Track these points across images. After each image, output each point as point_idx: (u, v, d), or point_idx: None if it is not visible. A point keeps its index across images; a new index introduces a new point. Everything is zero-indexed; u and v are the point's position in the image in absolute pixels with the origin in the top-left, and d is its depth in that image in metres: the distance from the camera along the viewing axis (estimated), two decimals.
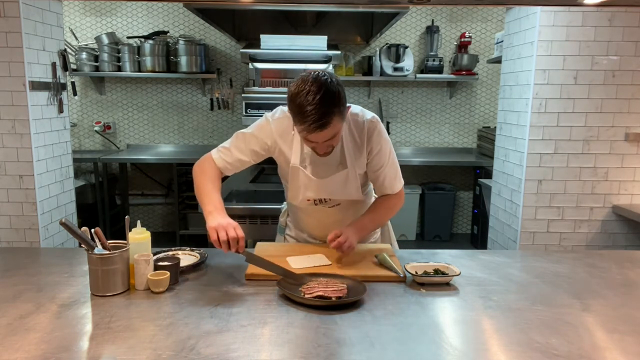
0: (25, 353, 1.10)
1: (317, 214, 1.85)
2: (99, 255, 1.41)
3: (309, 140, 1.56)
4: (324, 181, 1.73)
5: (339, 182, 1.74)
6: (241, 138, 1.74)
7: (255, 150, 1.73)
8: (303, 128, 1.49)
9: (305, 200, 1.79)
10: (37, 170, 2.97)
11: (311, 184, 1.74)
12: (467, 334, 1.25)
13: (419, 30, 5.22)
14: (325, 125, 1.47)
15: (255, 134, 1.72)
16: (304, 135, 1.54)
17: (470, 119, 5.39)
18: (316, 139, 1.53)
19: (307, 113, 1.45)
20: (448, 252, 1.88)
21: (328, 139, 1.54)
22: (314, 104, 1.44)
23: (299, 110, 1.47)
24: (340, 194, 1.77)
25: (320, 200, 1.79)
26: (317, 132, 1.48)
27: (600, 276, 1.66)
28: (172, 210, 5.33)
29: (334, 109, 1.48)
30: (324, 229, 1.81)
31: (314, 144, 1.57)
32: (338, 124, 1.52)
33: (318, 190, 1.75)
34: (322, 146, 1.57)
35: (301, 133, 1.54)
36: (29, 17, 2.87)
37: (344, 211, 1.84)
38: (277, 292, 1.44)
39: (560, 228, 3.08)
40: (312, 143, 1.57)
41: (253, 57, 3.39)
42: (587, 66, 2.91)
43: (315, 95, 1.45)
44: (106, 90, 5.24)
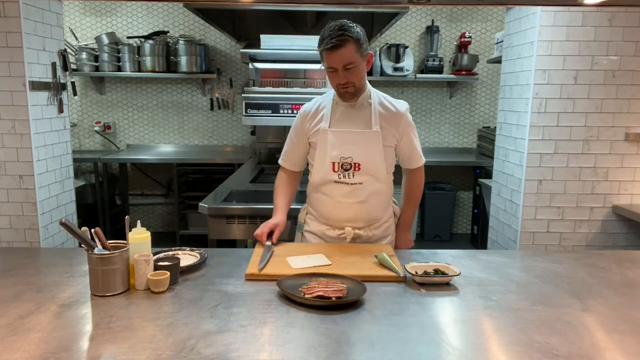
0: (25, 353, 1.10)
1: (339, 192, 1.93)
2: (99, 255, 1.41)
3: (331, 70, 1.78)
4: (349, 135, 1.89)
5: (362, 139, 1.90)
6: (290, 136, 2.06)
7: (303, 138, 1.99)
8: (324, 49, 1.74)
9: (330, 167, 1.91)
10: (37, 170, 2.97)
11: (337, 140, 1.90)
12: (467, 334, 1.25)
13: (419, 30, 5.22)
14: (340, 46, 1.71)
15: (297, 126, 2.01)
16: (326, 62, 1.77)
17: (470, 119, 5.39)
18: (333, 63, 1.75)
19: (325, 35, 1.73)
20: (448, 252, 1.88)
21: (346, 64, 1.74)
22: (332, 29, 1.73)
23: (322, 35, 1.75)
24: (363, 154, 1.90)
25: (344, 167, 1.90)
26: (333, 51, 1.72)
27: (600, 276, 1.66)
28: (172, 210, 5.33)
29: (349, 35, 1.72)
30: (345, 209, 1.94)
31: (337, 76, 1.78)
32: (354, 51, 1.74)
33: (343, 146, 1.89)
34: (341, 75, 1.77)
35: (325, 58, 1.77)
36: (29, 17, 2.87)
37: (365, 192, 1.92)
38: (277, 293, 1.44)
39: (560, 228, 3.08)
40: (335, 76, 1.79)
41: (253, 57, 3.39)
42: (587, 66, 2.91)
43: (335, 25, 1.74)
44: (106, 90, 5.24)
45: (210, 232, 2.66)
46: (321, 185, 1.96)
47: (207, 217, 2.62)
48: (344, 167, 1.90)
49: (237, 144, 5.38)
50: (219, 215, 2.62)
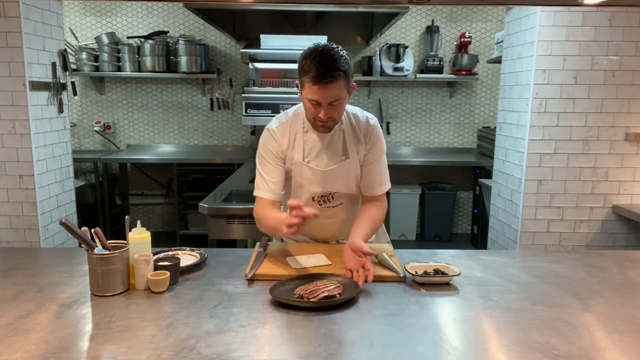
0: (25, 353, 1.10)
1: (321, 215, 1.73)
2: (99, 255, 1.41)
3: (314, 103, 1.60)
4: (328, 172, 1.76)
5: (342, 172, 1.77)
6: (263, 162, 1.77)
7: (279, 161, 1.76)
8: (311, 82, 1.55)
9: (310, 200, 1.80)
10: (37, 170, 2.97)
11: (316, 178, 1.76)
12: (467, 334, 1.25)
13: (419, 30, 5.22)
14: (332, 81, 1.54)
15: (270, 148, 1.76)
16: (310, 94, 1.58)
17: (470, 119, 5.39)
18: (321, 98, 1.57)
19: (316, 67, 1.53)
20: (448, 252, 1.88)
21: (332, 101, 1.59)
22: (323, 60, 1.55)
23: (309, 65, 1.55)
24: (344, 186, 1.79)
25: (324, 198, 1.81)
26: (324, 86, 1.54)
27: (600, 276, 1.66)
28: (172, 210, 5.33)
29: (340, 67, 1.56)
30: (329, 228, 1.88)
31: (318, 109, 1.61)
32: (342, 87, 1.59)
33: (324, 183, 1.77)
34: (324, 111, 1.60)
35: (308, 90, 1.58)
36: (29, 17, 2.87)
37: (346, 210, 1.87)
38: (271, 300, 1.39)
39: (560, 228, 3.08)
40: (316, 108, 1.61)
41: (253, 57, 3.39)
42: (587, 66, 2.91)
43: (325, 54, 1.56)
44: (106, 90, 5.24)
45: (210, 232, 2.66)
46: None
47: (207, 217, 2.62)
48: (324, 197, 1.81)
49: (237, 144, 5.38)
50: (219, 215, 2.62)
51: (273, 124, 1.79)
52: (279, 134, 1.76)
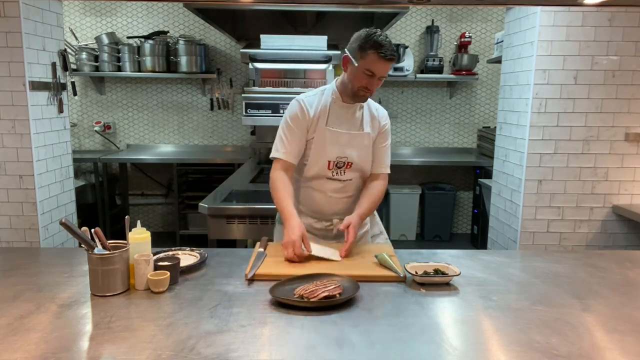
0: (25, 353, 1.10)
1: (330, 188, 1.99)
2: (99, 255, 1.41)
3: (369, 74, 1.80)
4: (346, 135, 1.94)
5: (357, 141, 1.96)
6: (287, 126, 1.93)
7: (304, 128, 1.93)
8: (378, 57, 1.76)
9: (325, 167, 1.94)
10: (37, 170, 2.97)
11: (335, 140, 1.93)
12: (467, 334, 1.25)
13: (419, 30, 5.22)
14: (393, 59, 1.79)
15: (297, 114, 1.93)
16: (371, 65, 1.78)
17: (470, 119, 5.39)
18: (381, 71, 1.80)
19: (385, 45, 1.76)
20: (448, 252, 1.88)
21: (382, 76, 1.83)
22: (388, 41, 1.78)
23: (378, 43, 1.76)
24: (358, 156, 1.96)
25: (338, 166, 1.96)
26: (388, 62, 1.78)
27: (600, 276, 1.66)
28: (172, 210, 5.33)
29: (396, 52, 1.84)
30: (335, 204, 2.02)
31: (370, 80, 1.81)
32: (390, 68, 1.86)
33: (340, 147, 1.93)
34: (374, 82, 1.83)
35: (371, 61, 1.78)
36: (29, 17, 2.87)
37: (353, 187, 2.03)
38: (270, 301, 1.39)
39: (560, 228, 3.08)
40: (368, 79, 1.81)
41: (253, 57, 3.39)
42: (587, 66, 2.91)
43: (384, 35, 1.80)
44: (106, 90, 5.24)
45: (210, 232, 2.66)
46: (313, 180, 1.99)
47: (207, 217, 2.62)
48: (338, 165, 1.96)
49: (237, 144, 5.38)
50: (219, 215, 2.62)
51: (302, 96, 1.98)
52: (307, 104, 1.94)
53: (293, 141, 1.91)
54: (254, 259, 1.68)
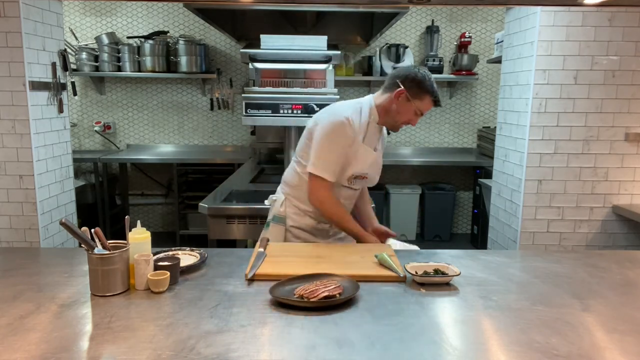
0: (25, 353, 1.10)
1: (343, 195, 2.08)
2: (99, 255, 1.41)
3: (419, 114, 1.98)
4: (374, 155, 2.06)
5: (378, 159, 2.10)
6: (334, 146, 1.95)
7: (347, 150, 1.97)
8: (433, 101, 1.95)
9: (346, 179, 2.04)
10: (37, 170, 2.97)
11: (366, 158, 2.02)
12: (467, 334, 1.25)
13: (419, 30, 5.22)
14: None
15: (347, 134, 1.95)
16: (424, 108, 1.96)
17: (470, 119, 5.39)
18: (426, 111, 1.99)
19: (437, 92, 1.95)
20: (448, 252, 1.88)
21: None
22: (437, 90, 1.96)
23: (435, 90, 1.94)
24: (374, 171, 2.09)
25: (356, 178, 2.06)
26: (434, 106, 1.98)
27: (600, 276, 1.66)
28: (172, 210, 5.33)
29: None
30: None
31: (416, 118, 1.99)
32: None
33: (367, 164, 2.03)
34: (417, 120, 2.01)
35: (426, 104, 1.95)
36: (29, 17, 2.87)
37: (357, 195, 2.17)
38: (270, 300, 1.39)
39: (560, 228, 3.08)
40: (415, 118, 1.98)
41: (253, 57, 3.39)
42: (587, 66, 2.91)
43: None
44: (106, 90, 5.24)
45: (210, 232, 2.66)
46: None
47: (207, 217, 2.62)
48: (357, 177, 2.06)
49: (237, 144, 5.38)
50: (219, 215, 2.62)
51: (347, 113, 1.96)
52: (354, 123, 1.96)
53: (339, 162, 1.97)
54: (254, 259, 1.68)
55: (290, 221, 2.09)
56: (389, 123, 2.04)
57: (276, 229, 2.10)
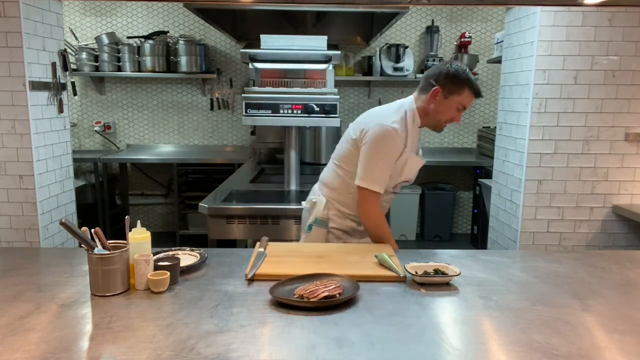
0: (25, 353, 1.10)
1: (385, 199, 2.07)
2: (99, 255, 1.41)
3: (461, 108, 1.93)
4: (420, 162, 2.06)
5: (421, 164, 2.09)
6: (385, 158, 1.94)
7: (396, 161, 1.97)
8: (474, 93, 1.91)
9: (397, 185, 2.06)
10: (37, 170, 2.97)
11: (414, 167, 2.03)
12: (467, 334, 1.25)
13: (419, 30, 5.22)
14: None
15: (397, 145, 1.94)
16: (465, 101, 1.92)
17: (470, 119, 5.39)
18: (469, 104, 1.95)
19: (475, 82, 1.92)
20: (448, 252, 1.88)
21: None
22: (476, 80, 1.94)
23: (472, 80, 1.91)
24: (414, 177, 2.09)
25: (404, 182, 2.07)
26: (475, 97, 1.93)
27: (600, 276, 1.66)
28: (172, 210, 5.33)
29: None
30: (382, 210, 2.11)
31: (458, 114, 1.95)
32: None
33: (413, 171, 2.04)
34: (461, 115, 1.97)
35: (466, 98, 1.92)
36: (29, 17, 2.87)
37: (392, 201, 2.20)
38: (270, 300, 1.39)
39: (560, 228, 3.08)
40: (457, 113, 1.95)
41: (253, 57, 3.38)
42: (587, 66, 2.91)
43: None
44: (106, 90, 5.24)
45: (210, 232, 2.66)
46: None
47: (207, 217, 2.62)
48: (404, 182, 2.08)
49: (237, 144, 5.38)
50: (219, 215, 2.62)
51: (392, 123, 1.93)
52: (401, 132, 1.93)
53: (389, 173, 1.96)
54: (254, 259, 1.68)
55: (332, 223, 2.10)
56: (431, 124, 2.01)
57: (318, 232, 2.11)
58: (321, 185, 2.18)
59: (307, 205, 2.20)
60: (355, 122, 2.07)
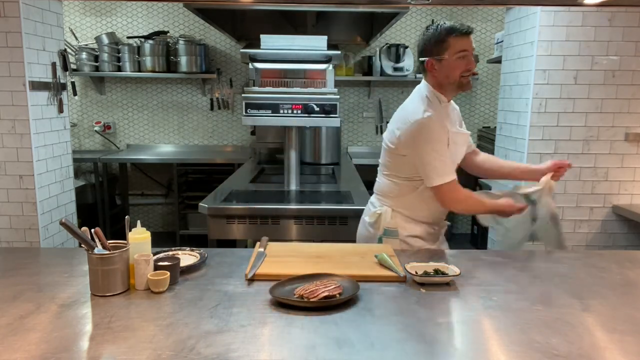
0: (25, 353, 1.10)
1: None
2: (99, 255, 1.41)
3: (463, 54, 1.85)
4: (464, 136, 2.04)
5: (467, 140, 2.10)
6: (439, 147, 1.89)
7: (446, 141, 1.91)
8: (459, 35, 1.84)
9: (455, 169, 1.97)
10: (37, 170, 2.97)
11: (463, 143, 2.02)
12: (467, 334, 1.25)
13: (419, 30, 5.21)
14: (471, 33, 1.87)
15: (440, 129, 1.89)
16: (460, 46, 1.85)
17: (470, 119, 5.39)
18: (468, 46, 1.87)
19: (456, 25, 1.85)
20: (448, 252, 1.88)
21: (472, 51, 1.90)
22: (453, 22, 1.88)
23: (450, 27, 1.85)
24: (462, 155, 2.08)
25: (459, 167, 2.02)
26: (468, 36, 1.86)
27: (600, 276, 1.66)
28: (172, 210, 5.33)
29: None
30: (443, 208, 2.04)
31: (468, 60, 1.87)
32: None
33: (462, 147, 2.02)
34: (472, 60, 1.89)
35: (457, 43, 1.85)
36: (29, 17, 2.87)
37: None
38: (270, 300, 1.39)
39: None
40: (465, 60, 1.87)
41: (253, 57, 3.39)
42: (587, 66, 2.91)
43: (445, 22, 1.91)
44: (106, 90, 5.24)
45: (210, 232, 2.66)
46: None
47: (207, 217, 2.62)
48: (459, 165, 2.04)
49: (237, 144, 5.38)
50: (219, 215, 2.62)
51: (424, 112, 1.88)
52: (436, 116, 1.88)
53: (449, 157, 1.92)
54: (254, 259, 1.68)
55: (403, 231, 2.02)
56: (454, 89, 1.95)
57: (389, 243, 2.02)
58: (379, 197, 2.12)
59: (371, 219, 2.10)
60: (387, 131, 2.03)
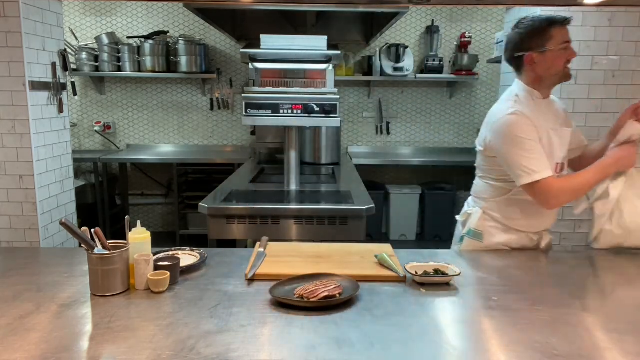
0: (25, 353, 1.10)
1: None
2: (99, 255, 1.41)
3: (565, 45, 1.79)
4: (570, 131, 1.89)
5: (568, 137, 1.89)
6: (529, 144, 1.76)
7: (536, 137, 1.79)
8: (560, 25, 1.82)
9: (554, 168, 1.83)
10: (37, 170, 2.97)
11: (563, 141, 1.86)
12: (467, 334, 1.25)
13: (419, 30, 5.22)
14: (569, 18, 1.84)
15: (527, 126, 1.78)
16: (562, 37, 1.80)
17: (470, 119, 5.39)
18: (568, 36, 1.82)
19: (553, 16, 1.83)
20: (448, 252, 1.88)
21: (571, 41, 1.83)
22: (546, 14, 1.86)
23: (546, 19, 1.84)
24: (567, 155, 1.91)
25: (562, 168, 1.89)
26: (566, 26, 1.82)
27: (600, 276, 1.66)
28: (172, 210, 5.33)
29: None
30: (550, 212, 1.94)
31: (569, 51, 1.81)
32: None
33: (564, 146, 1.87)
34: (572, 50, 1.82)
35: (559, 34, 1.80)
36: (29, 17, 2.87)
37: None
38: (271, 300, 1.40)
39: (560, 228, 3.07)
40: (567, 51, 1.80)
41: (253, 57, 3.39)
42: (587, 66, 2.91)
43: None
44: (106, 90, 5.24)
45: (210, 232, 2.66)
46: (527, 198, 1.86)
47: (207, 217, 2.62)
48: (562, 166, 1.89)
49: (237, 144, 5.38)
50: (219, 215, 2.62)
51: (509, 109, 1.80)
52: (523, 112, 1.78)
53: (543, 154, 1.77)
54: (254, 259, 1.68)
55: (490, 237, 1.95)
56: (555, 80, 1.85)
57: (470, 244, 1.99)
58: (474, 199, 2.12)
59: (462, 218, 2.10)
60: (480, 135, 2.01)
